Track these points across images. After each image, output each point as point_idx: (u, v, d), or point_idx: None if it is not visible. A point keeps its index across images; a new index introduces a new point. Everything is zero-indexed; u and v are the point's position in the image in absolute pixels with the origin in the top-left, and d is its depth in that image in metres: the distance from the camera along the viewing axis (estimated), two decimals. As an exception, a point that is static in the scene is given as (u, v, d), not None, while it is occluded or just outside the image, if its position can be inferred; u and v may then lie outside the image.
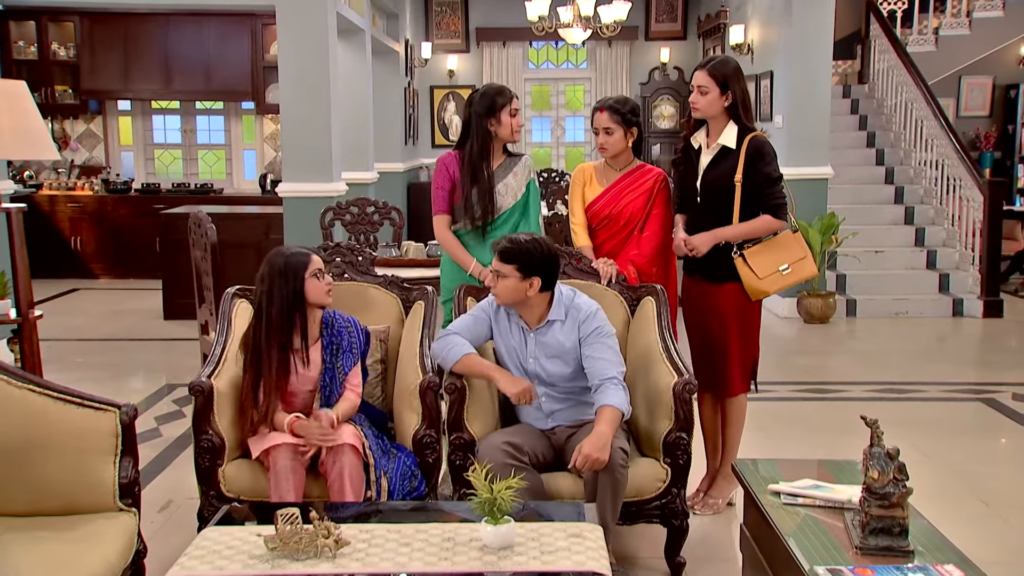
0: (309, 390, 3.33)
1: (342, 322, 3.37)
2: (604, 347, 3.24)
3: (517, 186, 3.97)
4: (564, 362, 3.30)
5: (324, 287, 3.30)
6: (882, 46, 9.93)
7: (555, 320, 3.30)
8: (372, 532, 2.53)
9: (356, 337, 3.37)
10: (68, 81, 10.14)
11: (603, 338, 3.26)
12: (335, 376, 3.32)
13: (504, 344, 3.38)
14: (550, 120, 12.41)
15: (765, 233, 3.77)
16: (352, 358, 3.35)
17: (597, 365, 3.21)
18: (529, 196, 3.99)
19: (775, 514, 2.63)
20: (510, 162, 3.99)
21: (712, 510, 3.91)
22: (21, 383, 2.77)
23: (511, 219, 3.95)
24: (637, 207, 3.91)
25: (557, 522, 2.61)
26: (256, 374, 3.23)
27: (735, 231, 3.75)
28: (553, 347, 3.30)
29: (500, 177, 3.94)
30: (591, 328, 3.26)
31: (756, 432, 4.63)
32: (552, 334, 3.30)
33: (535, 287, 3.23)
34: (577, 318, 3.29)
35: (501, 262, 3.21)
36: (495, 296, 3.31)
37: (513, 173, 3.97)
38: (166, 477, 4.30)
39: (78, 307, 8.63)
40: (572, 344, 3.28)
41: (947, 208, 8.82)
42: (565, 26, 8.64)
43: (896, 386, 5.96)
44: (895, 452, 2.42)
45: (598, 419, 3.06)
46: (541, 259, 3.21)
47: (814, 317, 7.82)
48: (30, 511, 2.72)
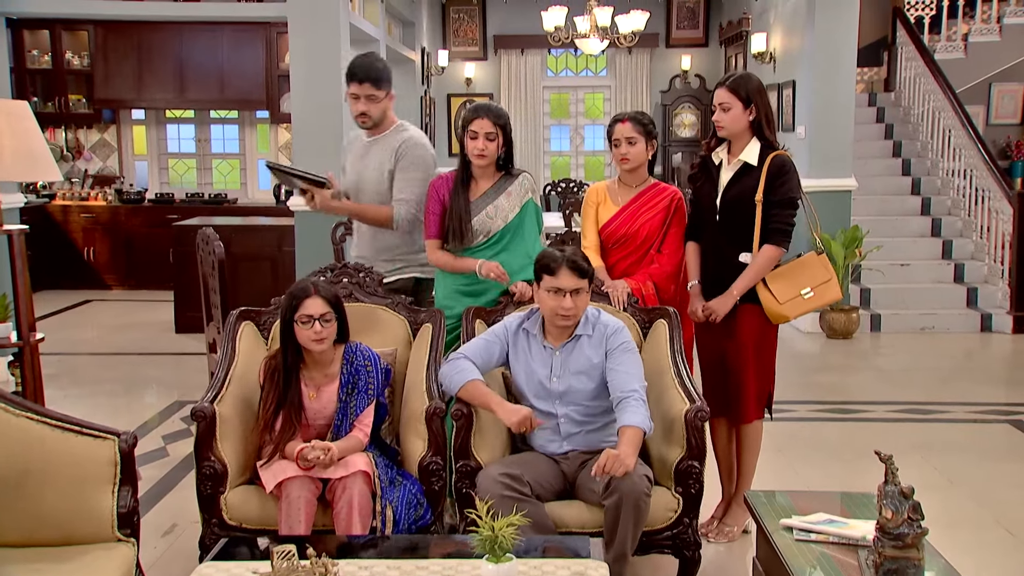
0: (323, 424, 3.27)
1: (361, 360, 3.29)
2: (629, 361, 3.23)
3: (509, 207, 3.78)
4: (589, 377, 3.26)
5: (311, 335, 3.16)
6: (909, 53, 9.77)
7: (582, 335, 3.28)
8: (371, 569, 2.48)
9: (374, 377, 3.29)
10: (82, 90, 10.18)
11: (629, 353, 3.25)
12: (347, 415, 3.26)
13: (523, 367, 3.32)
14: (569, 128, 12.32)
15: (772, 265, 3.67)
16: (366, 399, 3.27)
17: (620, 378, 3.18)
18: (525, 217, 3.81)
19: (787, 550, 2.57)
20: (504, 182, 3.81)
21: (727, 538, 3.82)
22: (19, 411, 2.73)
23: (501, 241, 3.78)
24: (654, 226, 3.82)
25: (561, 559, 2.54)
26: (279, 400, 3.19)
27: (747, 279, 3.65)
28: (579, 363, 3.27)
29: (490, 199, 3.78)
30: (618, 342, 3.25)
31: (773, 454, 4.53)
32: (579, 349, 3.27)
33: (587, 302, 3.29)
34: (605, 333, 3.27)
35: (581, 278, 3.21)
36: (574, 315, 3.23)
37: (506, 193, 3.79)
38: (171, 500, 4.25)
39: (90, 319, 8.64)
40: (599, 359, 3.25)
41: (975, 220, 8.64)
42: (582, 36, 8.57)
43: (920, 406, 5.82)
44: (910, 491, 2.33)
45: (620, 439, 3.01)
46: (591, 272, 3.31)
47: (837, 332, 7.69)
48: (26, 541, 2.67)
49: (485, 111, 3.70)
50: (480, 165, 3.74)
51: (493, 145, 3.70)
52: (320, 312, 3.17)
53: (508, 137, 3.76)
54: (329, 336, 3.20)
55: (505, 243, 3.78)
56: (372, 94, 3.82)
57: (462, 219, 3.74)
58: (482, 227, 3.76)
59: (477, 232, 3.76)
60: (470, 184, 3.80)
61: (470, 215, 3.75)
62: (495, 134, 3.68)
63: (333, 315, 3.21)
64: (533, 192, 3.88)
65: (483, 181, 3.80)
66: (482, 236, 3.77)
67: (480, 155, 3.70)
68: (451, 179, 3.83)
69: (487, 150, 3.69)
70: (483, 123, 3.67)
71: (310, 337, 3.17)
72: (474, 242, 3.77)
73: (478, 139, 3.68)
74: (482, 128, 3.67)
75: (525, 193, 3.83)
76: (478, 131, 3.67)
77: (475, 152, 3.70)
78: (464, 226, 3.75)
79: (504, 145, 3.75)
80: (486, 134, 3.67)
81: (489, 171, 3.80)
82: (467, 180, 3.80)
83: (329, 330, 3.19)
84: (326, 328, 3.18)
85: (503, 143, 3.74)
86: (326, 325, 3.18)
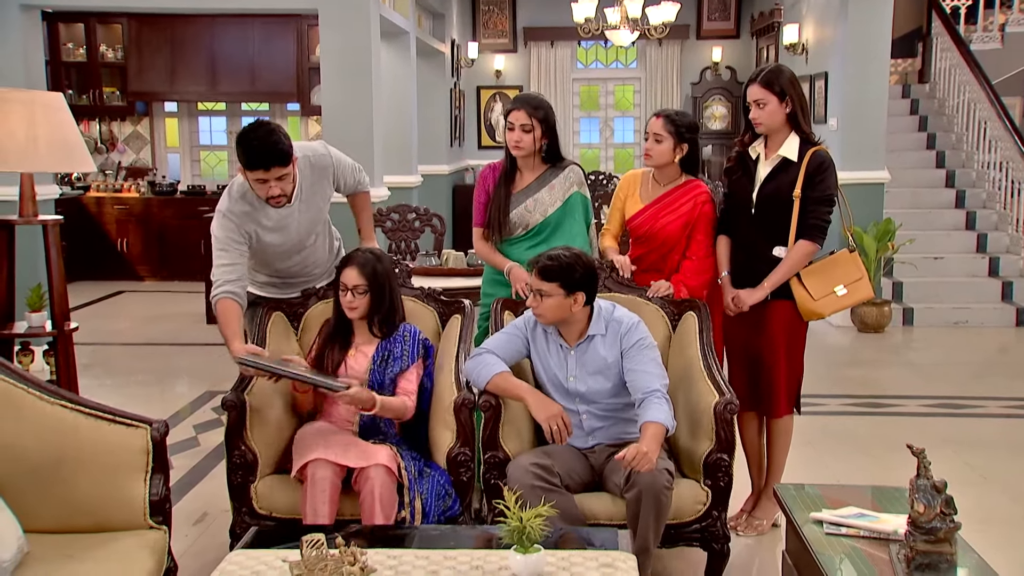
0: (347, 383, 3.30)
1: (402, 332, 3.39)
2: (646, 359, 3.16)
3: (551, 200, 3.75)
4: (605, 377, 3.21)
5: (345, 303, 3.32)
6: (944, 44, 9.64)
7: (595, 335, 3.22)
8: (400, 558, 2.48)
9: (410, 347, 3.36)
10: (116, 83, 10.29)
11: (645, 350, 3.18)
12: (383, 384, 3.32)
13: (542, 364, 3.30)
14: (599, 121, 12.28)
15: (806, 261, 3.63)
16: (400, 366, 3.35)
17: (640, 378, 3.12)
18: (569, 211, 3.77)
19: (817, 544, 2.54)
20: (549, 175, 3.78)
21: (756, 531, 3.79)
22: (54, 399, 2.77)
23: (541, 234, 3.76)
24: (672, 231, 3.75)
25: (589, 550, 2.54)
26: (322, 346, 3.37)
27: (781, 274, 3.62)
28: (595, 363, 3.21)
29: (532, 191, 3.77)
30: (633, 340, 3.18)
31: (804, 448, 4.49)
32: (593, 349, 3.22)
33: (579, 303, 3.15)
34: (619, 331, 3.20)
35: (543, 280, 3.11)
36: (539, 316, 3.20)
37: (549, 186, 3.76)
38: (202, 489, 4.29)
39: (123, 310, 8.73)
40: (614, 358, 3.19)
41: (1011, 213, 8.52)
42: (612, 28, 8.52)
43: (953, 401, 5.75)
44: (942, 485, 2.30)
45: (642, 436, 2.98)
46: (583, 274, 3.13)
47: (869, 326, 7.61)
48: (60, 528, 2.71)
49: (523, 102, 3.68)
50: (519, 156, 3.73)
51: (529, 137, 3.67)
52: (354, 283, 3.28)
53: (550, 128, 3.72)
54: (361, 306, 3.30)
55: (544, 236, 3.76)
56: (283, 174, 3.28)
57: (500, 212, 3.75)
58: (520, 220, 3.76)
59: (516, 225, 3.76)
60: (515, 176, 3.79)
61: (508, 208, 3.75)
62: (531, 126, 3.65)
63: (367, 288, 3.28)
64: (581, 185, 3.82)
65: (528, 173, 3.78)
66: (521, 229, 3.77)
67: (516, 146, 3.68)
68: (498, 168, 3.82)
69: (522, 142, 3.67)
70: (519, 114, 3.65)
71: (344, 304, 3.31)
72: (513, 234, 3.77)
73: (514, 130, 3.67)
74: (518, 120, 3.66)
75: (570, 186, 3.79)
76: (514, 122, 3.67)
77: (511, 143, 3.69)
78: (502, 219, 3.75)
79: (545, 136, 3.71)
80: (521, 125, 3.65)
81: (533, 162, 3.77)
82: (512, 171, 3.79)
83: (360, 301, 3.30)
84: (358, 299, 3.29)
85: (543, 134, 3.70)
86: (358, 296, 3.29)
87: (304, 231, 3.53)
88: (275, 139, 3.24)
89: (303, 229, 3.52)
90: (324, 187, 3.58)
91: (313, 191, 3.52)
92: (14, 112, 3.81)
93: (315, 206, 3.53)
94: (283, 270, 3.65)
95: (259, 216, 3.41)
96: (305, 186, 3.47)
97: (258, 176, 3.26)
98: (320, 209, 3.57)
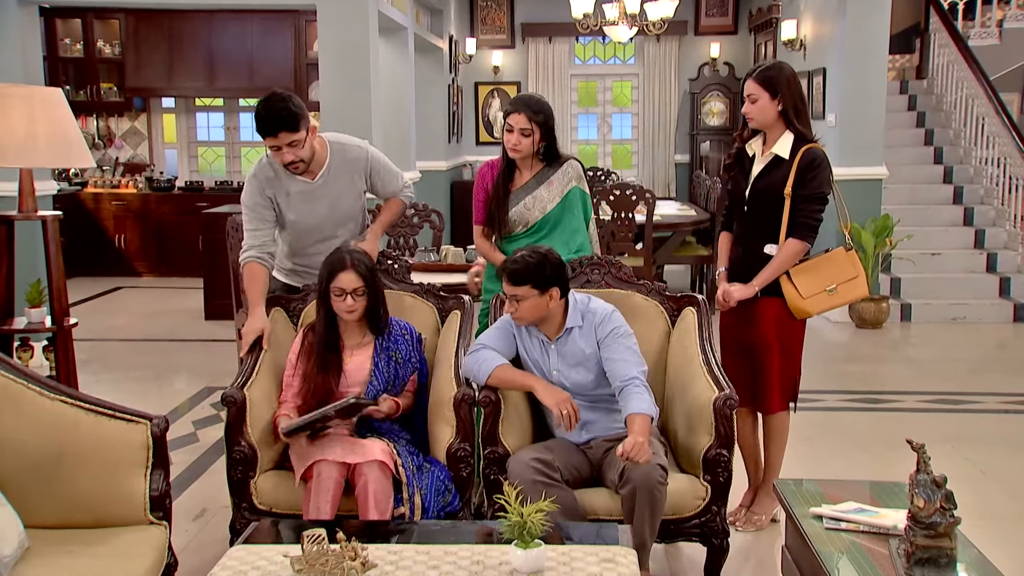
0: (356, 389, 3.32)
1: (398, 330, 3.40)
2: (622, 347, 3.19)
3: (550, 197, 3.75)
4: (587, 369, 3.24)
5: (343, 307, 3.29)
6: (942, 40, 9.64)
7: (573, 327, 3.25)
8: (400, 553, 2.48)
9: (414, 347, 3.42)
10: (113, 79, 10.26)
11: (620, 338, 3.21)
12: (386, 382, 3.34)
13: (530, 359, 3.32)
14: (596, 117, 12.27)
15: (795, 259, 3.63)
16: (410, 368, 3.41)
17: (617, 367, 3.16)
18: (568, 206, 3.77)
19: (817, 539, 2.55)
20: (547, 172, 3.77)
21: (755, 526, 3.80)
22: (54, 395, 2.77)
23: (541, 231, 3.76)
24: None
25: (589, 545, 2.54)
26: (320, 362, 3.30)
27: (770, 272, 3.62)
28: (575, 355, 3.25)
29: (530, 189, 3.76)
30: (608, 330, 3.22)
31: (801, 444, 4.50)
32: (573, 342, 3.25)
33: (555, 298, 3.19)
34: (593, 322, 3.24)
35: (515, 286, 3.14)
36: (519, 320, 3.24)
37: (547, 183, 3.76)
38: (201, 485, 4.29)
39: (121, 306, 8.72)
40: (592, 349, 3.23)
41: (1009, 209, 8.52)
42: (610, 24, 8.51)
43: (951, 396, 5.76)
44: (942, 480, 2.30)
45: (629, 429, 3.00)
46: (552, 270, 3.16)
47: (866, 322, 7.62)
48: (60, 523, 2.71)
49: (524, 105, 3.66)
50: (516, 159, 3.73)
51: (528, 141, 3.67)
52: (353, 287, 3.27)
53: (549, 131, 3.71)
54: (360, 308, 3.31)
55: (545, 233, 3.76)
56: (293, 140, 3.43)
57: (499, 210, 3.75)
58: (520, 218, 3.76)
59: (515, 222, 3.76)
60: (513, 173, 3.79)
61: (507, 206, 3.75)
62: (530, 130, 3.65)
63: (365, 289, 3.30)
64: (579, 179, 3.81)
65: (526, 171, 3.78)
66: (521, 226, 3.77)
67: (514, 149, 3.68)
68: (497, 166, 3.82)
69: (520, 145, 3.67)
70: (519, 118, 3.64)
71: (342, 309, 3.29)
72: (513, 232, 3.78)
73: (513, 133, 3.66)
74: (517, 123, 3.65)
75: (568, 182, 3.78)
76: (514, 125, 3.65)
77: (509, 146, 3.69)
78: (501, 217, 3.75)
79: (543, 140, 3.70)
80: (521, 129, 3.65)
81: (531, 161, 3.77)
82: (510, 170, 3.79)
83: (361, 303, 3.31)
84: (358, 302, 3.30)
85: (541, 137, 3.69)
86: (358, 299, 3.29)
87: (325, 212, 3.65)
88: (281, 106, 3.41)
89: (324, 210, 3.64)
90: (353, 178, 3.70)
91: (338, 174, 3.65)
92: (14, 108, 3.81)
93: (337, 190, 3.65)
94: (310, 260, 3.71)
95: (283, 183, 3.60)
96: (332, 165, 3.63)
97: (271, 143, 3.45)
98: (341, 195, 3.67)
